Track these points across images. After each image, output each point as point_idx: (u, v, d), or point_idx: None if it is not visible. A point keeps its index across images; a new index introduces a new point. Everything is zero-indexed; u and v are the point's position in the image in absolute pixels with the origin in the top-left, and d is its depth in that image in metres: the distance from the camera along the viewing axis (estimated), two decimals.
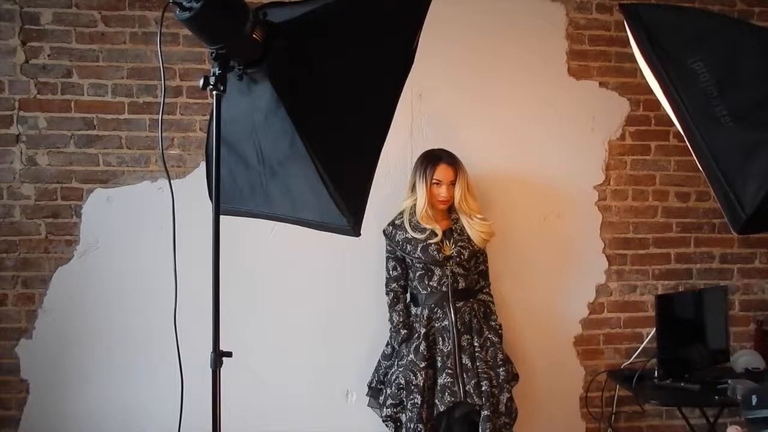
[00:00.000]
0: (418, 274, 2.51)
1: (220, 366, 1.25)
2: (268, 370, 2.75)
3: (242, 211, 1.54)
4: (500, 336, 2.56)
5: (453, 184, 2.51)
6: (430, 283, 2.49)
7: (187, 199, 1.98)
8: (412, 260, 2.51)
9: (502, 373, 2.47)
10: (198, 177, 2.68)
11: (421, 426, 2.37)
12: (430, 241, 2.46)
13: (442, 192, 2.49)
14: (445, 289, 2.48)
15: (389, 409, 2.47)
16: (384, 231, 2.58)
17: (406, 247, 2.49)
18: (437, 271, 2.49)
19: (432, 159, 2.53)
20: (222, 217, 1.27)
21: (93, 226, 2.69)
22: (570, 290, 2.97)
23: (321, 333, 2.79)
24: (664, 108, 1.39)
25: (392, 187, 2.73)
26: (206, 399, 1.23)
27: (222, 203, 1.27)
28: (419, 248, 2.47)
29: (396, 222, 2.56)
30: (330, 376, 2.80)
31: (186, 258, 1.39)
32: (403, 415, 2.43)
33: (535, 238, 2.92)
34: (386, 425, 2.49)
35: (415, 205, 2.52)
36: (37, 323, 2.67)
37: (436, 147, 2.60)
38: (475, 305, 2.55)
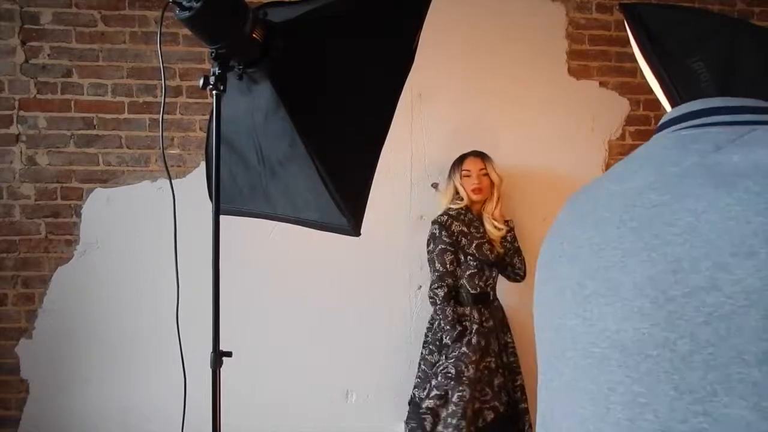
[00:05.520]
0: (468, 272, 2.52)
1: (220, 366, 1.25)
2: (268, 370, 2.75)
3: (242, 211, 1.54)
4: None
5: (484, 175, 2.57)
6: (479, 282, 2.53)
7: (187, 199, 1.97)
8: (465, 256, 2.53)
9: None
10: (198, 177, 2.67)
11: (463, 423, 2.27)
12: (483, 240, 2.52)
13: (473, 181, 2.55)
14: (490, 290, 2.56)
15: (432, 401, 2.36)
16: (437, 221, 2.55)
17: (462, 240, 2.51)
18: (486, 271, 2.54)
19: (461, 156, 2.62)
20: (222, 217, 1.27)
21: (93, 226, 2.69)
22: None
23: (321, 333, 2.79)
24: (664, 108, 1.39)
25: (392, 187, 2.73)
26: (206, 399, 1.23)
27: (222, 203, 1.27)
28: (474, 245, 2.50)
29: (449, 212, 2.56)
30: (330, 376, 2.80)
31: (186, 258, 1.39)
32: (444, 410, 2.33)
33: (535, 238, 2.92)
34: (423, 419, 2.36)
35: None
36: (37, 323, 2.67)
37: (435, 147, 2.60)
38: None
